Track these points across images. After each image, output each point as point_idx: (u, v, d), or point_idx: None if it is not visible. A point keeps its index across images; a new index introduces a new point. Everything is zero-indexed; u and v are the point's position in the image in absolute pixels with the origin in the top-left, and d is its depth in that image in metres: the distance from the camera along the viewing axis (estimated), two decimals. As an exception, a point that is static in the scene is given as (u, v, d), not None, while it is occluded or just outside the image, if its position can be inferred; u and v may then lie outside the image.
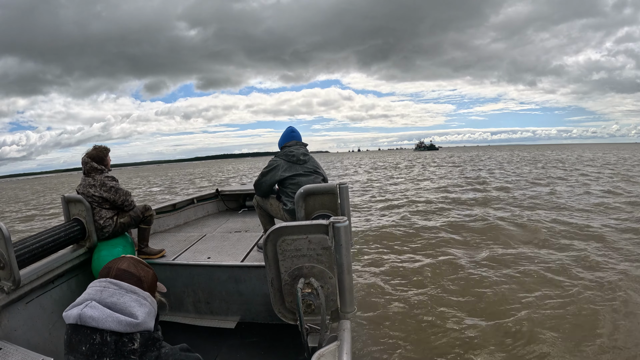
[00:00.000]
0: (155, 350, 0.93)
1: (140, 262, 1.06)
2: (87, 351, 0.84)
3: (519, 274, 4.16)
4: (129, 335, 0.88)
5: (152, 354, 0.92)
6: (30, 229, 8.97)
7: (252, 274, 2.36)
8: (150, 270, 1.07)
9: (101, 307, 0.88)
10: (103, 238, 2.47)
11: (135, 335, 0.89)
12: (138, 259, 1.07)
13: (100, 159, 2.52)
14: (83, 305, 0.88)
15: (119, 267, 0.99)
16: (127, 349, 0.87)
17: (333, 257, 1.36)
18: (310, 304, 1.33)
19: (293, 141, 2.74)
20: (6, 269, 1.81)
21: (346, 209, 2.12)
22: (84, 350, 0.84)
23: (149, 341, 0.92)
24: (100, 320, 0.86)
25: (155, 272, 1.10)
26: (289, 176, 2.54)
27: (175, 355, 0.96)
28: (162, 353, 0.94)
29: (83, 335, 0.85)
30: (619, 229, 5.97)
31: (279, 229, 1.37)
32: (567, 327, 2.96)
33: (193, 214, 4.28)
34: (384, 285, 4.07)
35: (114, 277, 0.96)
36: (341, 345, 1.23)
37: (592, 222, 6.48)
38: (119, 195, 2.48)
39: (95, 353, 0.84)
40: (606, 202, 8.46)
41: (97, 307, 0.88)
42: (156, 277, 1.09)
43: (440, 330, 3.04)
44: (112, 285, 0.94)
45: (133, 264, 1.02)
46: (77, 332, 0.86)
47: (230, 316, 2.45)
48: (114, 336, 0.86)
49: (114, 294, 0.92)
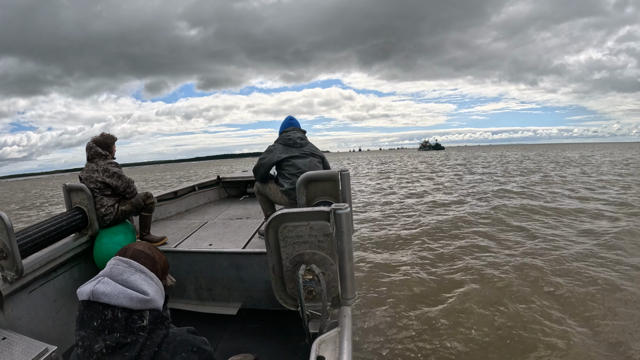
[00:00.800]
0: (163, 329, 0.96)
1: (155, 248, 1.11)
2: (99, 326, 0.86)
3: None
4: (139, 312, 0.91)
5: (161, 332, 0.94)
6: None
7: (253, 260, 2.37)
8: (164, 256, 1.11)
9: (113, 283, 0.91)
10: (104, 226, 2.47)
11: (145, 313, 0.92)
12: (154, 245, 1.13)
13: (106, 145, 2.51)
14: (96, 281, 0.91)
15: (136, 248, 1.03)
16: (137, 326, 0.89)
17: (334, 243, 1.35)
18: (311, 291, 1.34)
19: (291, 127, 2.77)
20: (9, 258, 1.82)
21: (347, 195, 2.10)
22: (95, 326, 0.86)
23: (158, 319, 0.95)
24: (112, 295, 0.88)
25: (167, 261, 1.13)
26: (285, 158, 2.58)
27: (182, 335, 0.98)
28: (170, 332, 0.97)
29: (95, 311, 0.87)
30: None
31: (280, 216, 1.36)
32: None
33: (194, 201, 4.28)
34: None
35: (130, 255, 1.00)
36: (342, 332, 1.24)
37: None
38: (122, 182, 2.46)
39: (106, 328, 0.86)
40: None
41: (109, 282, 0.91)
42: (168, 265, 1.13)
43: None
44: (122, 263, 0.97)
45: (148, 247, 1.07)
46: (89, 308, 0.88)
47: (232, 302, 2.47)
48: (124, 312, 0.89)
49: (124, 272, 0.94)
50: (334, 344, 1.18)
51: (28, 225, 2.21)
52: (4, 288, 1.81)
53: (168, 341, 0.94)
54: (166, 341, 0.93)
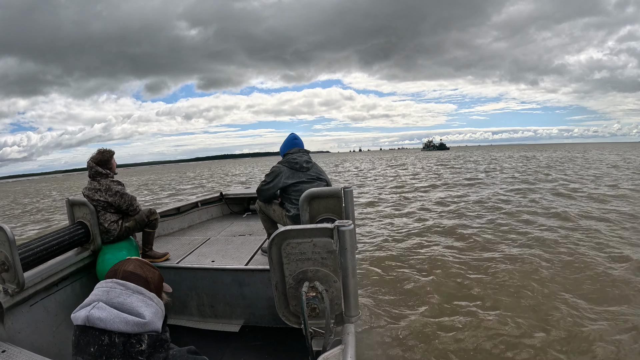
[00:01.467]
0: (163, 352, 0.94)
1: (146, 264, 1.07)
2: (96, 352, 0.85)
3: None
4: (137, 336, 0.89)
5: (160, 355, 0.92)
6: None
7: (256, 277, 2.36)
8: (157, 272, 1.07)
9: (109, 308, 0.88)
10: (108, 241, 2.48)
11: (143, 336, 0.90)
12: (144, 260, 1.08)
13: (105, 162, 2.53)
14: (91, 307, 0.89)
15: (126, 269, 1.00)
16: (135, 350, 0.87)
17: (338, 260, 1.36)
18: (314, 308, 1.33)
19: (296, 148, 2.74)
20: (11, 271, 1.82)
21: (351, 212, 2.11)
22: (93, 352, 0.85)
23: (157, 342, 0.93)
24: (108, 321, 0.86)
25: (161, 273, 1.10)
26: (292, 183, 2.55)
27: (183, 357, 0.97)
28: (169, 355, 0.95)
29: (91, 337, 0.86)
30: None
31: (283, 233, 1.37)
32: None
33: (197, 218, 4.29)
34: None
35: (121, 278, 0.97)
36: (345, 349, 1.23)
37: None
38: (124, 200, 2.49)
39: (103, 354, 0.85)
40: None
41: (104, 308, 0.88)
42: (162, 278, 1.09)
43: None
44: (118, 285, 0.94)
45: (139, 265, 1.03)
46: (85, 333, 0.87)
47: (234, 320, 2.45)
48: (122, 337, 0.87)
49: (121, 294, 0.92)
50: None
51: (30, 239, 2.22)
52: (5, 301, 1.81)
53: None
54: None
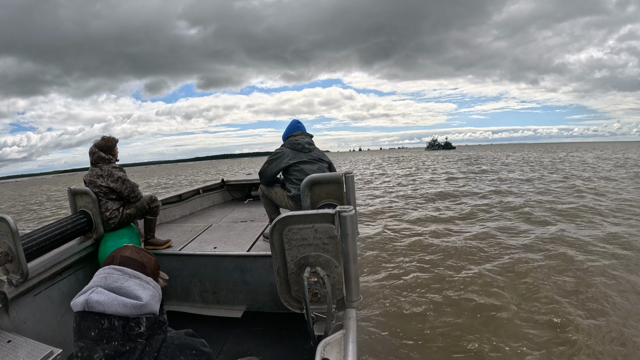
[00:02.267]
0: (161, 334, 0.96)
1: (142, 250, 1.10)
2: (96, 336, 0.86)
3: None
4: (136, 319, 0.91)
5: (159, 337, 0.95)
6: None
7: (258, 263, 2.37)
8: (152, 257, 1.10)
9: (106, 292, 0.91)
10: (109, 229, 2.49)
11: (142, 319, 0.92)
12: (139, 247, 1.11)
13: (109, 149, 2.52)
14: (90, 292, 0.91)
15: (122, 255, 1.02)
16: (134, 333, 0.90)
17: (339, 246, 1.35)
18: (316, 293, 1.33)
19: (298, 131, 2.76)
20: (14, 262, 1.83)
21: (352, 198, 2.10)
22: (93, 336, 0.86)
23: (155, 324, 0.95)
24: (106, 304, 0.88)
25: (157, 260, 1.12)
26: (293, 163, 2.56)
27: (180, 338, 0.99)
28: (167, 336, 0.97)
29: (91, 321, 0.88)
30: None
31: (285, 218, 1.36)
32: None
33: (199, 204, 4.30)
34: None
35: (118, 264, 0.99)
36: (347, 334, 1.24)
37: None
38: (126, 186, 2.48)
39: (104, 337, 0.87)
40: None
41: (102, 292, 0.90)
42: (158, 264, 1.12)
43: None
44: (115, 271, 0.97)
45: (135, 251, 1.06)
46: (85, 318, 0.88)
47: (236, 305, 2.48)
48: (121, 321, 0.89)
49: (118, 279, 0.95)
50: (339, 346, 1.17)
51: (33, 229, 2.23)
52: (10, 291, 1.83)
53: (166, 345, 0.94)
54: (164, 345, 0.94)
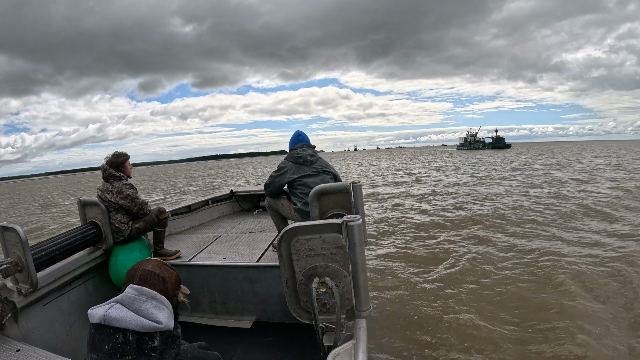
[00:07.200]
0: (175, 348, 0.96)
1: (165, 264, 1.10)
2: (110, 350, 0.87)
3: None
4: (150, 333, 0.92)
5: (172, 351, 0.95)
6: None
7: (267, 274, 2.38)
8: (174, 272, 1.11)
9: (125, 310, 0.91)
10: (119, 242, 2.52)
11: (156, 334, 0.92)
12: (162, 261, 1.11)
13: (118, 165, 2.57)
14: (108, 306, 0.92)
15: (144, 268, 1.03)
16: (148, 347, 0.90)
17: (347, 255, 1.35)
18: (325, 303, 1.33)
19: (300, 144, 2.81)
20: (24, 271, 1.85)
21: (360, 207, 2.10)
22: (107, 349, 0.87)
23: (169, 339, 0.96)
24: (123, 321, 0.89)
25: (178, 274, 1.13)
26: (297, 178, 2.61)
27: (194, 352, 0.99)
28: (181, 350, 0.97)
29: (106, 335, 0.88)
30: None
31: (292, 229, 1.37)
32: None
33: (208, 215, 4.33)
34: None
35: (139, 277, 1.01)
36: (357, 344, 1.23)
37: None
38: (135, 204, 2.51)
39: (117, 352, 0.87)
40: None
41: (121, 309, 0.91)
42: (179, 279, 1.12)
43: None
44: (132, 290, 0.97)
45: (158, 265, 1.07)
46: (100, 331, 0.89)
47: (246, 316, 2.47)
48: (135, 335, 0.89)
49: (135, 300, 0.95)
50: (349, 356, 1.17)
51: (43, 239, 2.27)
52: (19, 301, 1.84)
53: (180, 359, 0.94)
54: (178, 359, 0.94)
